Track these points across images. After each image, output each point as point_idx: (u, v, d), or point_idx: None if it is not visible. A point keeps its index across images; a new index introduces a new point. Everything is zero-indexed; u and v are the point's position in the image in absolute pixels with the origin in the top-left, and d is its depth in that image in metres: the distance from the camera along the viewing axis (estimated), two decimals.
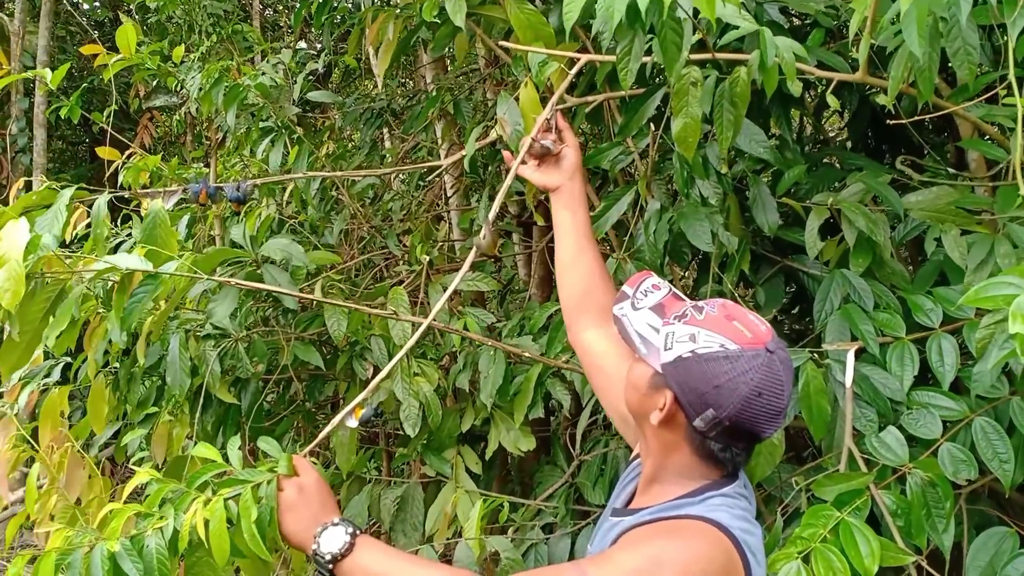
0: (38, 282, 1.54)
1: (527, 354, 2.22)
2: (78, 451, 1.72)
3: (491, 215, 1.69)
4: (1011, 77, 1.51)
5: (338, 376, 2.47)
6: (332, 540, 1.30)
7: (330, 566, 1.30)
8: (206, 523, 1.33)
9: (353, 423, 1.57)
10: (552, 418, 3.22)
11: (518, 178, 2.73)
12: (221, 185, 1.73)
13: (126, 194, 1.71)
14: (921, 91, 1.69)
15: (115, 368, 2.53)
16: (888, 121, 1.87)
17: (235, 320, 2.19)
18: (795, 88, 1.73)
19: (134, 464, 2.33)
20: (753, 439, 1.27)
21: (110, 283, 2.02)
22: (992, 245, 1.78)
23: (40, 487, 2.09)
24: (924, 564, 1.74)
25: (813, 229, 2.01)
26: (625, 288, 1.37)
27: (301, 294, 1.99)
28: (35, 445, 2.19)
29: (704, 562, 1.17)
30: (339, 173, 2.37)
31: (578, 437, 2.39)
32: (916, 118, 1.96)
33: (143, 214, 1.66)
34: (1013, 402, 1.78)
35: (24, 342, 1.56)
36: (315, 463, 1.46)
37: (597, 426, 2.60)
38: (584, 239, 1.69)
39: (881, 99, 1.86)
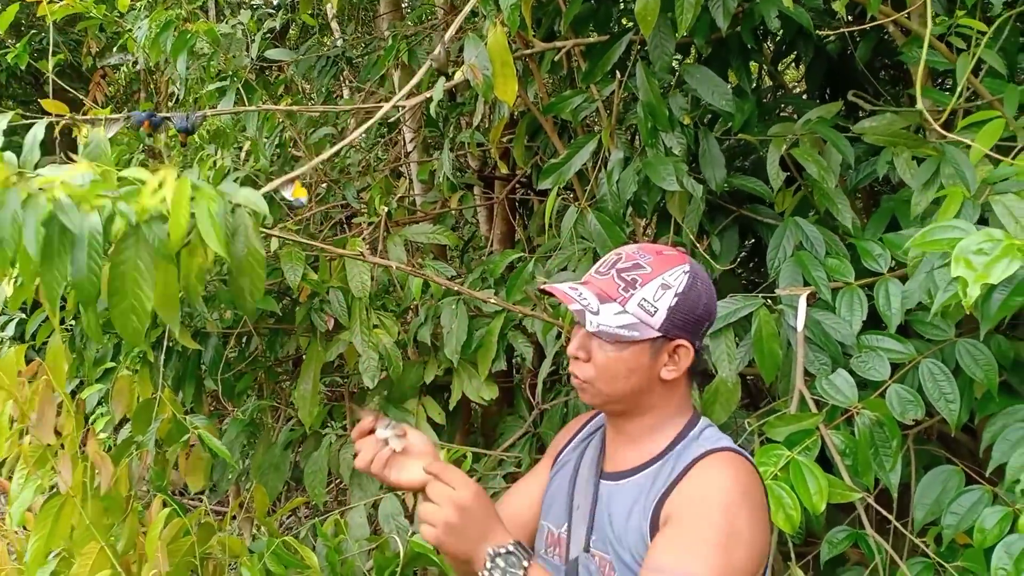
0: None
1: (492, 300, 2.22)
2: (51, 385, 1.68)
3: (447, 36, 1.69)
4: None
5: (297, 330, 2.46)
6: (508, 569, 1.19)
7: None
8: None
9: (288, 193, 1.55)
10: (516, 373, 3.25)
11: (479, 130, 2.73)
12: (168, 115, 1.69)
13: (65, 120, 1.66)
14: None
15: (71, 326, 2.51)
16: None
17: None
18: None
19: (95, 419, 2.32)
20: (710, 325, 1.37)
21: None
22: (938, 166, 1.82)
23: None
24: (871, 502, 1.80)
25: (774, 161, 2.05)
26: (572, 308, 1.29)
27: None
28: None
29: (753, 487, 1.25)
30: (294, 107, 2.33)
31: (539, 387, 2.42)
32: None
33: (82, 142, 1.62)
34: (959, 344, 1.83)
35: None
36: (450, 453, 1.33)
37: (559, 377, 2.63)
38: None
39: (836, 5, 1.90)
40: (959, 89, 1.75)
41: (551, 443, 1.56)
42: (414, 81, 1.95)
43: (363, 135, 2.88)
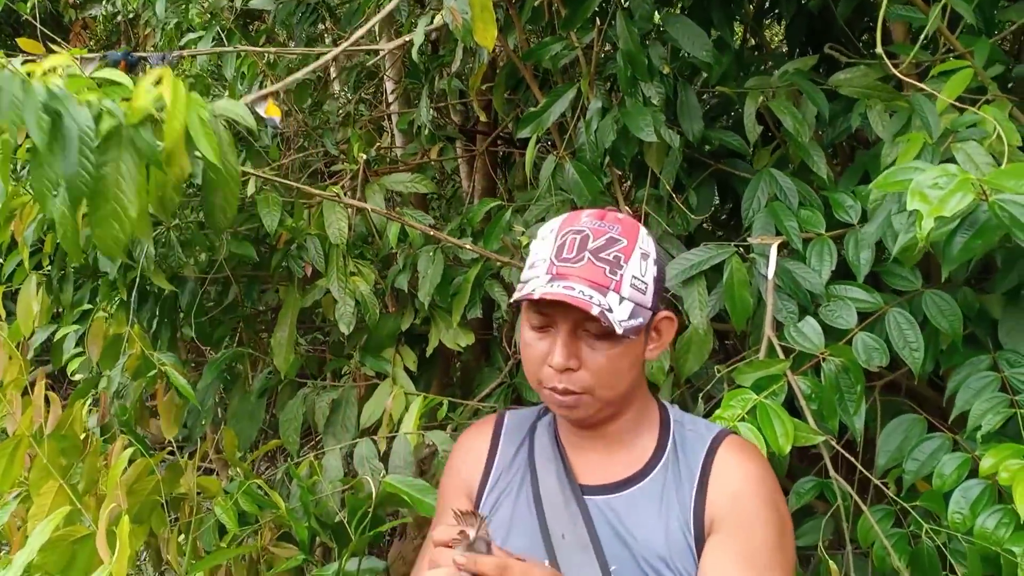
0: None
1: (468, 247, 2.23)
2: None
3: None
4: None
5: (274, 276, 2.46)
6: None
7: None
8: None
9: (261, 110, 1.54)
10: (497, 331, 3.27)
11: (458, 76, 2.72)
12: (145, 55, 1.67)
13: (38, 58, 1.65)
14: None
15: (48, 271, 2.50)
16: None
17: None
18: None
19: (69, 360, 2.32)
20: None
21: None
22: (909, 118, 1.83)
23: None
24: (836, 446, 1.84)
25: (751, 114, 2.06)
26: (594, 313, 1.06)
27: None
28: None
29: (771, 467, 1.19)
30: (271, 49, 2.31)
31: (516, 335, 2.43)
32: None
33: None
34: (926, 296, 1.86)
35: None
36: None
37: None
38: None
39: None
40: (922, 37, 1.76)
41: (449, 477, 1.28)
42: (396, 43, 1.94)
43: (344, 82, 2.87)
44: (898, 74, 1.64)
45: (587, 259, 1.09)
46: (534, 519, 1.14)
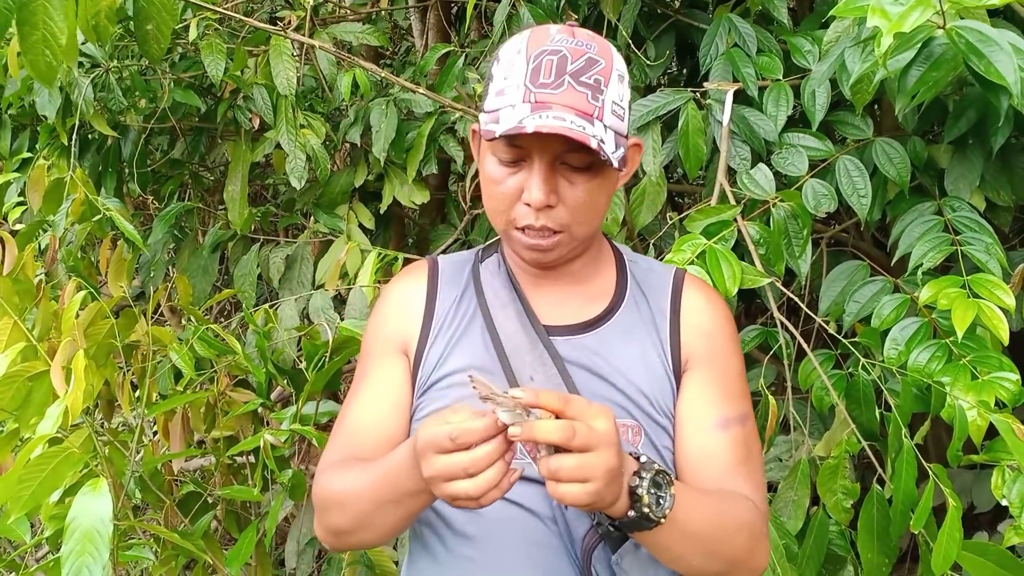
0: None
1: (421, 92, 2.18)
2: None
3: None
4: None
5: (219, 126, 2.38)
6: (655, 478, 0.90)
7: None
8: None
9: None
10: (452, 187, 3.24)
11: None
12: None
13: None
14: None
15: None
16: None
17: (103, 51, 2.06)
18: None
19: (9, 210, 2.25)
20: None
21: None
22: None
23: None
24: (781, 287, 1.89)
25: None
26: (594, 146, 0.97)
27: None
28: None
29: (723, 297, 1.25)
30: None
31: (468, 190, 2.42)
32: None
33: None
34: (876, 144, 1.87)
35: None
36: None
37: None
38: None
39: None
40: None
41: (379, 330, 1.16)
42: None
43: None
44: None
45: (567, 84, 0.98)
46: (496, 364, 1.07)
